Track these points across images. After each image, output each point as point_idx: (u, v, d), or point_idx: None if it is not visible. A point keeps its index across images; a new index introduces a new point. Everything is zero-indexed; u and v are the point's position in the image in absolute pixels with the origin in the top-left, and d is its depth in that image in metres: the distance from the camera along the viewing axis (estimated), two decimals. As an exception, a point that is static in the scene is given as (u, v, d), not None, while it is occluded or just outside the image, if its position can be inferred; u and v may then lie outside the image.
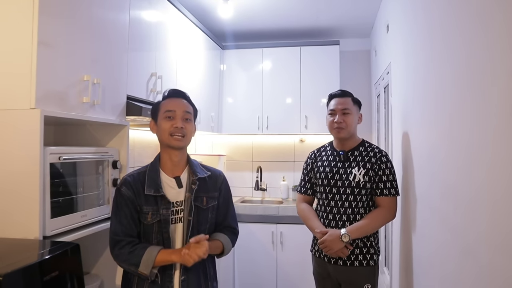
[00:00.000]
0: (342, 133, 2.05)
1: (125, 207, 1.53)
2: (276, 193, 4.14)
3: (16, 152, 1.45)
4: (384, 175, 1.98)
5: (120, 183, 1.58)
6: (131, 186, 1.55)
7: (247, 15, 3.49)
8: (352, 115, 2.06)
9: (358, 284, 1.98)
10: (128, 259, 1.48)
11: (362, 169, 2.00)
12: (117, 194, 1.57)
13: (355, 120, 2.09)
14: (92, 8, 1.81)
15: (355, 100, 2.12)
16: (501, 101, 0.93)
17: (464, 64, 1.20)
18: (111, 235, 1.53)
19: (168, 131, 1.58)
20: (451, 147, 1.32)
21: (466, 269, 1.17)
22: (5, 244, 1.33)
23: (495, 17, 0.97)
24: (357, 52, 4.15)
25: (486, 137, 1.03)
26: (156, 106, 1.66)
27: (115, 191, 1.59)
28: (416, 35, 1.92)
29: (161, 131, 1.61)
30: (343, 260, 1.98)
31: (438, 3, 1.51)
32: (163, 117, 1.60)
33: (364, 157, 2.03)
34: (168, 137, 1.58)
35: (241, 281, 3.57)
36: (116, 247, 1.50)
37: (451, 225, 1.32)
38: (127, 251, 1.49)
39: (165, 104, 1.62)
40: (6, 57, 1.48)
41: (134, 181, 1.57)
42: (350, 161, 2.05)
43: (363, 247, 1.99)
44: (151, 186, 1.56)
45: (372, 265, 2.00)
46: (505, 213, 0.91)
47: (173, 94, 1.66)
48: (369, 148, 2.07)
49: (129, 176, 1.60)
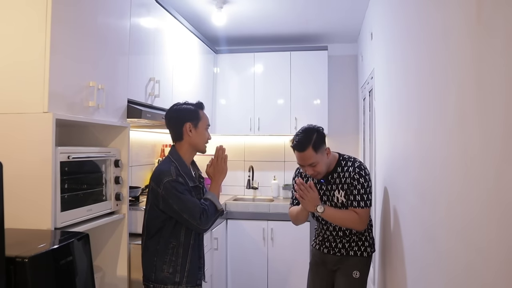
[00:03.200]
0: (319, 176, 2.10)
1: (186, 191, 1.86)
2: (267, 192, 4.30)
3: (30, 152, 1.60)
4: (355, 190, 2.04)
5: (175, 175, 1.86)
6: (183, 177, 1.88)
7: (240, 22, 3.65)
8: (320, 162, 2.04)
9: (347, 270, 2.13)
10: (211, 212, 1.90)
11: (341, 190, 2.10)
12: (176, 184, 1.85)
13: (324, 161, 2.06)
14: (97, 18, 1.96)
15: (315, 146, 2.01)
16: (456, 107, 1.10)
17: (428, 75, 1.38)
18: (197, 207, 1.85)
19: (206, 140, 2.04)
20: (419, 148, 1.50)
21: (429, 254, 1.34)
22: (23, 234, 1.48)
23: (452, 33, 1.15)
24: (344, 57, 4.34)
25: (443, 138, 1.20)
26: (196, 113, 2.00)
27: (172, 182, 1.83)
28: (395, 44, 2.09)
29: (201, 138, 2.01)
30: (340, 252, 2.15)
31: (413, 16, 1.68)
32: (205, 128, 2.02)
33: (342, 179, 2.10)
34: (204, 144, 2.03)
35: (233, 275, 3.73)
36: (203, 215, 1.86)
37: (420, 218, 1.49)
38: (207, 209, 1.88)
39: (205, 117, 2.04)
40: (21, 65, 1.63)
41: (180, 174, 1.88)
42: (331, 183, 2.13)
43: (358, 241, 2.14)
44: (190, 179, 1.94)
45: (365, 256, 2.14)
46: (460, 205, 1.08)
47: (203, 107, 2.08)
48: (345, 167, 2.11)
49: (175, 170, 1.88)
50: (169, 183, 1.83)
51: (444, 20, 1.22)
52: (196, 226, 1.85)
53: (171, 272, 1.88)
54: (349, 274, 2.12)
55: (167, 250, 1.88)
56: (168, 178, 1.84)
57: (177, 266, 1.88)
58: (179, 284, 1.88)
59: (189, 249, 1.91)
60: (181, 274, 1.89)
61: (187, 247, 1.91)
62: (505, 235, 0.79)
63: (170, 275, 1.88)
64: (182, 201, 1.83)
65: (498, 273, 0.82)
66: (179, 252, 1.89)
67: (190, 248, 1.92)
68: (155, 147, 3.52)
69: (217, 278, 3.43)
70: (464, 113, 1.02)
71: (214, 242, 3.36)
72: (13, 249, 1.22)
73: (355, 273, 2.12)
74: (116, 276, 2.17)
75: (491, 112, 0.86)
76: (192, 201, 1.85)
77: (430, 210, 1.34)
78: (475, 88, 0.95)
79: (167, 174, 1.85)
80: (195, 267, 1.95)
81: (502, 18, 0.81)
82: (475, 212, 0.95)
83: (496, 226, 0.83)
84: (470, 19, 0.99)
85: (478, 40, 0.94)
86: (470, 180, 0.98)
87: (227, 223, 3.73)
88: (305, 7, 3.32)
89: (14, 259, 1.18)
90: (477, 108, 0.94)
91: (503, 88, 0.80)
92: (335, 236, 2.17)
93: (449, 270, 1.13)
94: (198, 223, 1.84)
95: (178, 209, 1.83)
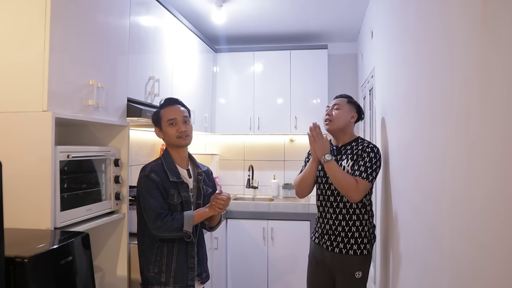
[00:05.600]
0: (330, 125, 2.19)
1: (156, 190, 1.82)
2: (267, 191, 4.30)
3: (29, 151, 1.59)
4: (362, 161, 2.06)
5: (148, 171, 1.85)
6: (158, 173, 1.84)
7: (239, 20, 3.64)
8: (342, 110, 2.18)
9: (350, 271, 2.11)
10: (172, 225, 1.81)
11: (350, 160, 2.12)
12: (146, 180, 1.84)
13: (345, 115, 2.18)
14: (97, 16, 1.95)
15: (350, 100, 2.25)
16: (460, 105, 1.10)
17: (430, 72, 1.37)
18: (152, 210, 1.80)
19: (175, 136, 1.93)
20: (421, 146, 1.49)
21: (433, 253, 1.33)
22: (22, 234, 1.47)
23: (456, 33, 1.14)
24: (344, 56, 4.33)
25: (446, 136, 1.19)
26: (157, 115, 1.97)
27: (143, 177, 1.86)
28: (396, 42, 2.08)
29: (168, 136, 1.95)
30: (339, 248, 2.12)
31: (414, 15, 1.67)
32: (167, 125, 1.94)
33: (354, 150, 2.15)
34: (176, 139, 1.94)
35: (233, 274, 3.72)
36: (159, 219, 1.79)
37: (423, 217, 1.49)
38: (169, 219, 1.81)
39: (166, 113, 1.95)
40: (20, 64, 1.61)
41: (158, 170, 1.86)
42: (341, 153, 2.18)
43: (358, 237, 2.11)
44: (173, 175, 1.91)
45: (365, 253, 2.12)
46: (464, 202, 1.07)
47: (169, 102, 1.99)
48: (360, 143, 2.17)
49: (151, 166, 1.87)
50: (140, 178, 1.88)
51: (446, 16, 1.21)
52: (151, 228, 1.83)
53: (157, 272, 1.88)
54: (352, 275, 2.10)
55: (152, 250, 1.89)
56: (142, 174, 1.88)
57: (162, 266, 1.88)
58: (165, 285, 1.88)
59: (174, 249, 1.90)
60: (166, 274, 1.88)
61: (172, 247, 1.89)
62: (509, 232, 0.78)
63: (156, 275, 1.88)
64: (144, 199, 1.84)
65: (502, 270, 0.82)
66: (163, 252, 1.89)
67: (175, 247, 1.90)
68: (154, 146, 3.51)
69: (217, 278, 3.42)
70: (468, 111, 1.02)
71: (214, 241, 3.35)
72: (13, 249, 1.20)
73: (357, 274, 2.11)
74: (116, 276, 2.16)
75: (495, 109, 0.85)
76: (152, 203, 1.82)
77: (433, 208, 1.33)
78: (480, 85, 0.94)
79: (143, 169, 1.89)
80: (184, 267, 1.92)
81: (508, 13, 0.80)
82: (479, 209, 0.94)
83: (500, 223, 0.82)
84: (474, 15, 0.98)
85: (483, 37, 0.93)
86: (474, 177, 0.97)
87: (227, 222, 3.72)
88: (304, 6, 3.31)
89: (14, 259, 1.17)
90: (481, 106, 0.93)
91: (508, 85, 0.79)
92: (335, 230, 2.15)
93: (453, 268, 1.12)
94: (151, 226, 1.82)
95: (142, 206, 1.87)
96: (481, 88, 0.93)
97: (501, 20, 0.84)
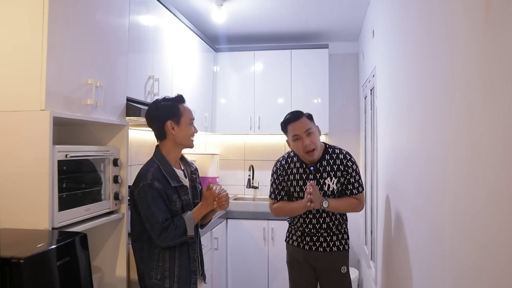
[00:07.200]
0: (315, 154, 2.13)
1: (159, 198, 1.77)
2: (268, 191, 4.24)
3: (27, 150, 1.57)
4: (352, 178, 2.13)
5: (150, 179, 1.79)
6: (160, 180, 1.79)
7: (240, 19, 3.62)
8: (315, 132, 2.13)
9: (336, 268, 2.16)
10: (176, 234, 1.78)
11: (334, 178, 2.13)
12: (149, 189, 1.78)
13: (318, 135, 2.15)
14: (96, 15, 1.93)
15: (309, 116, 2.16)
16: (462, 105, 1.08)
17: (432, 71, 1.35)
18: (158, 224, 1.76)
19: (191, 135, 1.97)
20: (423, 146, 1.47)
21: (434, 253, 1.32)
22: (20, 234, 1.45)
23: (457, 32, 1.12)
24: (345, 55, 4.31)
25: (448, 136, 1.17)
26: (176, 110, 1.90)
27: (146, 187, 1.79)
28: (397, 41, 2.07)
29: (184, 133, 1.94)
30: (323, 247, 2.15)
31: (415, 14, 1.66)
32: (188, 123, 1.94)
33: (333, 166, 2.14)
34: (189, 139, 1.97)
35: (233, 275, 3.71)
36: (163, 232, 1.75)
37: (424, 216, 1.47)
38: (172, 229, 1.78)
39: (187, 112, 1.96)
40: (18, 62, 1.60)
41: (159, 177, 1.80)
42: (320, 172, 2.16)
43: (339, 234, 2.19)
44: (173, 179, 1.84)
45: (347, 248, 2.21)
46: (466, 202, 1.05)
47: (184, 100, 1.97)
48: (333, 154, 2.17)
49: (152, 173, 1.81)
50: (143, 188, 1.80)
51: (448, 14, 1.19)
52: (155, 240, 1.80)
53: (159, 279, 1.83)
54: (338, 270, 2.18)
55: (152, 256, 1.85)
56: (143, 182, 1.80)
57: (165, 271, 1.83)
58: None
59: (176, 253, 1.86)
60: (170, 280, 1.84)
61: (173, 251, 1.85)
62: (511, 230, 0.77)
63: (159, 281, 1.83)
64: (149, 211, 1.79)
65: (504, 269, 0.81)
66: (165, 257, 1.84)
67: (176, 252, 1.86)
68: (154, 146, 3.48)
69: (217, 278, 3.41)
70: (471, 109, 1.00)
71: (214, 242, 3.34)
72: (9, 249, 1.19)
73: (343, 269, 2.21)
74: (115, 277, 2.15)
75: (498, 108, 0.84)
76: (157, 214, 1.77)
77: (435, 208, 1.32)
78: (482, 84, 0.93)
79: (144, 177, 1.82)
80: (187, 271, 1.89)
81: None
82: (481, 208, 0.93)
83: (502, 222, 0.81)
84: (476, 14, 0.96)
85: (485, 35, 0.91)
86: (476, 176, 0.96)
87: (227, 222, 3.70)
88: (305, 5, 3.29)
89: (10, 260, 1.15)
90: (484, 105, 0.92)
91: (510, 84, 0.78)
92: (318, 229, 2.17)
93: (455, 267, 1.11)
94: (156, 239, 1.79)
95: (144, 217, 1.81)
96: (484, 87, 0.92)
97: (504, 19, 0.82)
